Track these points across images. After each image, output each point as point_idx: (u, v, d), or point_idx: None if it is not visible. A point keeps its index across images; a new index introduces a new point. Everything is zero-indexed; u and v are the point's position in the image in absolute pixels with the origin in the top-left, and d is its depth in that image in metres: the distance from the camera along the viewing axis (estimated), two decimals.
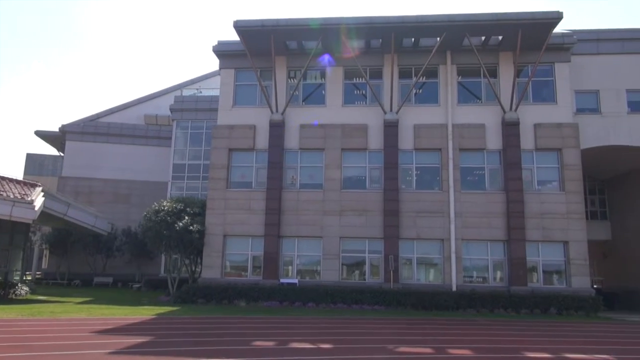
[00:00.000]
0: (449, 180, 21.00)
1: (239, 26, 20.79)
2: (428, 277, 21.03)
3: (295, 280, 20.79)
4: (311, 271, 21.45)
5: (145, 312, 16.36)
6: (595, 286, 25.77)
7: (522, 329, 14.22)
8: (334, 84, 22.70)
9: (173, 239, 20.99)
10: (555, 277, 20.49)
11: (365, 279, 20.94)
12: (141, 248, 29.66)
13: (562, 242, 20.35)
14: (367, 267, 21.08)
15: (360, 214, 21.17)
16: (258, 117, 22.65)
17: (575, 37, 21.82)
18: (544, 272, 20.48)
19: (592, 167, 25.22)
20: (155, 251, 26.54)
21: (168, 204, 22.35)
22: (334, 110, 22.37)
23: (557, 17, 19.56)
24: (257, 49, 22.05)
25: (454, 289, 19.96)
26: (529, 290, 19.54)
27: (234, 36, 24.84)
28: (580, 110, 22.44)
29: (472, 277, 20.82)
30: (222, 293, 20.20)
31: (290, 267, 21.52)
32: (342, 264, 21.24)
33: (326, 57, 22.41)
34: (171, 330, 12.98)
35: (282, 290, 19.91)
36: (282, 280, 20.75)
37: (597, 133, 22.20)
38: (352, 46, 21.47)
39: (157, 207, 22.15)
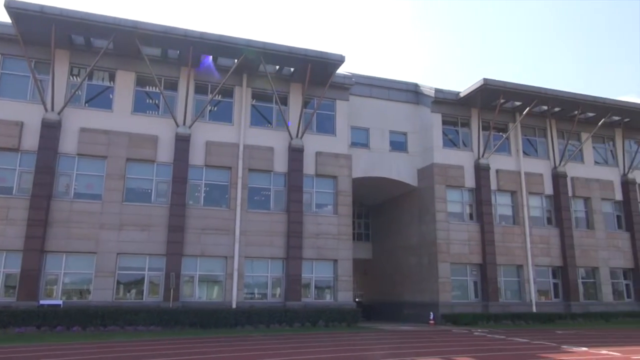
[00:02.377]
0: (237, 199, 21.49)
1: (12, 7, 17.94)
2: (210, 295, 20.97)
3: (60, 302, 18.42)
4: (80, 291, 19.33)
5: None
6: (356, 300, 29.25)
7: (288, 342, 15.22)
8: (124, 89, 21.29)
9: None
10: (326, 292, 22.57)
11: (142, 298, 19.78)
12: None
13: (332, 260, 22.59)
14: (145, 286, 19.97)
15: (142, 229, 20.05)
16: (28, 114, 19.72)
17: (353, 79, 24.88)
18: (316, 287, 22.38)
19: (361, 194, 28.78)
20: None
21: None
22: (122, 117, 20.93)
23: (340, 59, 22.01)
24: (34, 37, 19.38)
25: (234, 306, 20.31)
26: (302, 305, 21.08)
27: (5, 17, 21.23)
28: (354, 144, 25.53)
29: (253, 293, 21.51)
30: None
31: (55, 287, 19.03)
32: (118, 282, 19.70)
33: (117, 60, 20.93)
34: None
35: (41, 313, 17.39)
36: (42, 302, 18.15)
37: (366, 165, 25.54)
38: (147, 53, 20.53)
39: None
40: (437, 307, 23.65)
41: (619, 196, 28.82)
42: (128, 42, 19.93)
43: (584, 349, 14.00)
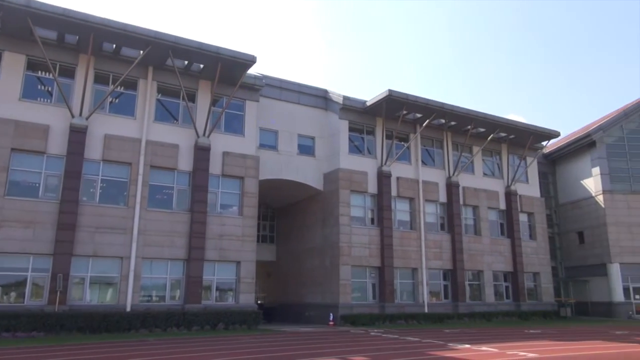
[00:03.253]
0: (137, 197, 20.48)
1: None
2: (103, 298, 19.71)
3: None
4: None
5: None
6: (259, 302, 29.17)
7: (180, 345, 14.81)
8: (12, 72, 19.36)
9: None
10: (228, 294, 22.22)
11: (23, 302, 18.10)
12: None
13: (235, 262, 22.31)
14: (28, 288, 18.28)
15: (26, 226, 18.35)
16: None
17: (264, 81, 24.86)
18: (218, 289, 21.95)
19: (267, 196, 28.77)
20: None
21: None
22: (7, 102, 19.01)
23: (252, 60, 21.87)
24: None
25: (129, 309, 19.30)
26: (202, 308, 20.57)
27: None
28: (262, 145, 25.48)
29: (150, 296, 20.58)
30: None
31: None
32: None
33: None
34: None
35: None
36: None
37: (274, 167, 25.60)
38: (42, 35, 18.90)
39: None
40: (338, 309, 24.30)
41: (502, 205, 31.61)
42: (19, 21, 18.21)
43: (467, 346, 15.17)
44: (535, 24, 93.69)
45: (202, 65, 22.29)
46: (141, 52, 20.56)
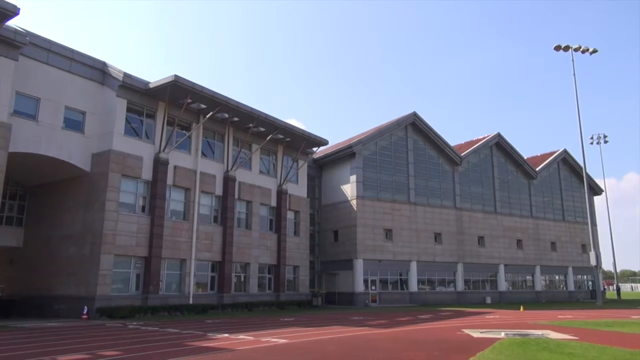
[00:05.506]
0: None
1: None
2: None
3: None
4: None
5: None
6: None
7: None
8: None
9: None
10: None
11: None
12: None
13: None
14: None
15: None
16: None
17: (28, 38, 21.42)
18: None
19: (18, 172, 24.84)
20: None
21: None
22: None
23: (13, 10, 18.68)
24: None
25: None
26: None
27: None
28: (18, 112, 21.90)
29: None
30: None
31: None
32: None
33: None
34: None
35: None
36: None
37: (30, 139, 22.25)
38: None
39: None
40: (94, 301, 22.41)
41: (274, 203, 33.72)
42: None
43: (226, 335, 15.73)
44: (332, 38, 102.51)
45: None
46: None
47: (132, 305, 23.65)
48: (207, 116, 28.00)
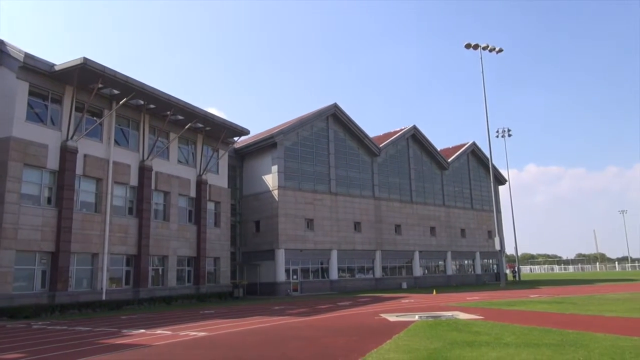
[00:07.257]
0: None
1: None
2: None
3: None
4: None
5: None
6: None
7: None
8: None
9: None
10: None
11: None
12: None
13: None
14: None
15: None
16: None
17: None
18: None
19: None
20: None
21: None
22: None
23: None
24: None
25: None
26: None
27: None
28: None
29: None
30: None
31: None
32: None
33: None
34: None
35: None
36: None
37: None
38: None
39: None
40: None
41: (193, 193, 32.82)
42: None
43: (142, 330, 15.16)
44: (256, 27, 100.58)
45: None
46: None
47: (37, 303, 22.04)
48: (121, 102, 26.52)
